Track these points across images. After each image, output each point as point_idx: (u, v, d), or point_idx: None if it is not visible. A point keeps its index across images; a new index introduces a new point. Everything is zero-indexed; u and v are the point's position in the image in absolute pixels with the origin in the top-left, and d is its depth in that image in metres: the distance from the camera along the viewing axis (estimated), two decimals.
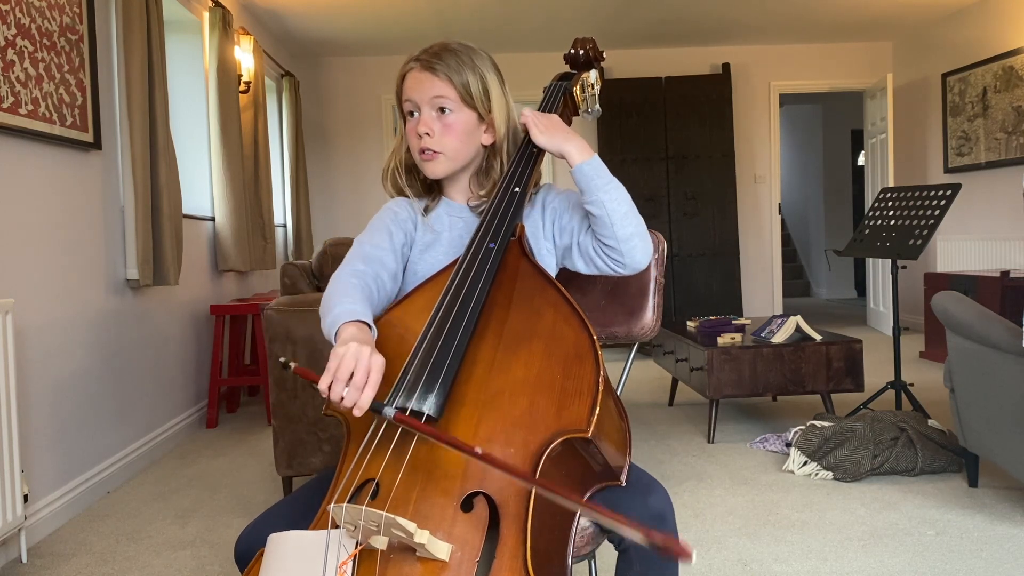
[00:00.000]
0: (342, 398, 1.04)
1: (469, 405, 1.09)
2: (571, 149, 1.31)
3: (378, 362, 1.07)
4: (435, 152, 1.38)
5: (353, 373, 1.05)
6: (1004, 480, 2.89)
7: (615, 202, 1.29)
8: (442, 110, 1.37)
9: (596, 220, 1.31)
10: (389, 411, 1.02)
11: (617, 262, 1.33)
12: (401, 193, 1.48)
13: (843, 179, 10.30)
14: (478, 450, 0.97)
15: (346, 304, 1.20)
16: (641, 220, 1.33)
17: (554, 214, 1.43)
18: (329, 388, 1.05)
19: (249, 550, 1.17)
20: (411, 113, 1.40)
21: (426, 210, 1.46)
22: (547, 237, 1.43)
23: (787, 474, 3.06)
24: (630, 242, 1.30)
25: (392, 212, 1.45)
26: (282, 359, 1.06)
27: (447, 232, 1.43)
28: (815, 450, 3.04)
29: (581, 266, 1.39)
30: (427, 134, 1.37)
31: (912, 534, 2.45)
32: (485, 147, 1.43)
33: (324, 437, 2.79)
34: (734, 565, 2.26)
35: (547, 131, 1.33)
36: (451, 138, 1.37)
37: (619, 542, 1.17)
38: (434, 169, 1.40)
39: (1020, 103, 5.43)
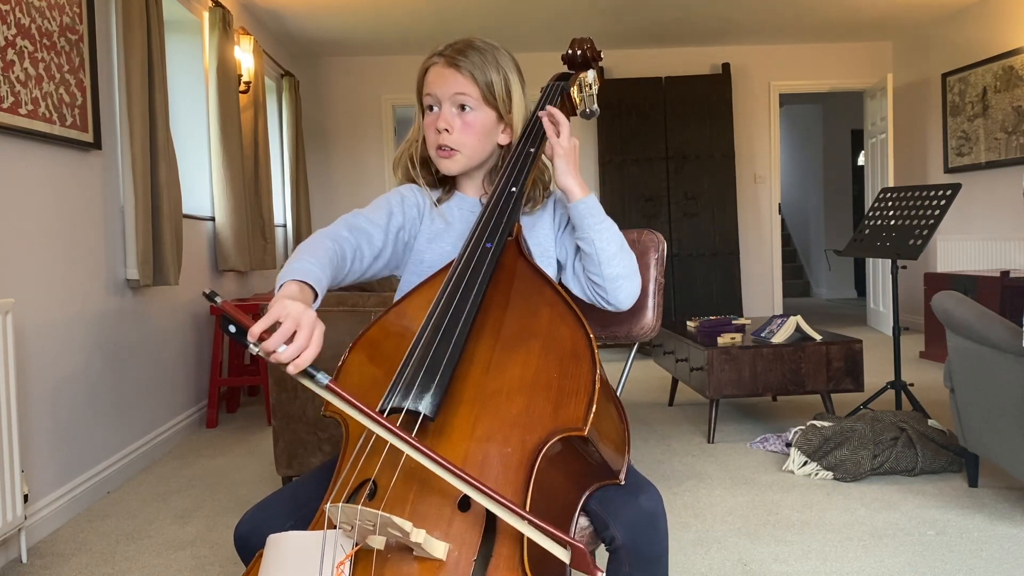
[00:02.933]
0: (273, 351, 0.98)
1: (466, 404, 1.08)
2: (574, 186, 1.33)
3: (321, 328, 1.03)
4: (452, 150, 1.37)
5: (296, 332, 1.01)
6: (1004, 480, 2.89)
7: (605, 241, 1.32)
8: (463, 107, 1.36)
9: (586, 256, 1.34)
10: (323, 377, 1.00)
11: (603, 298, 1.37)
12: (412, 181, 1.47)
13: (843, 179, 10.29)
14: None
15: (306, 262, 1.18)
16: (632, 261, 1.35)
17: (560, 220, 1.44)
18: (261, 337, 0.98)
19: (248, 535, 1.17)
20: (430, 107, 1.39)
21: (438, 202, 1.45)
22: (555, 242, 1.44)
23: (787, 474, 3.06)
24: (615, 282, 1.33)
25: (400, 195, 1.44)
26: (206, 291, 1.03)
27: (458, 224, 1.42)
28: (815, 450, 3.04)
29: (575, 288, 1.41)
30: (446, 130, 1.36)
31: (912, 534, 2.44)
32: (501, 147, 1.42)
33: (324, 437, 2.79)
34: (734, 565, 2.26)
35: (567, 157, 1.34)
36: (469, 136, 1.37)
37: (610, 542, 1.17)
38: (449, 166, 1.40)
39: (1020, 103, 5.43)
